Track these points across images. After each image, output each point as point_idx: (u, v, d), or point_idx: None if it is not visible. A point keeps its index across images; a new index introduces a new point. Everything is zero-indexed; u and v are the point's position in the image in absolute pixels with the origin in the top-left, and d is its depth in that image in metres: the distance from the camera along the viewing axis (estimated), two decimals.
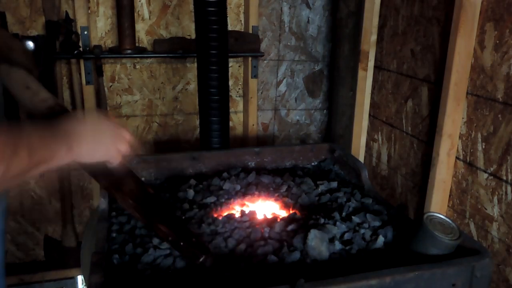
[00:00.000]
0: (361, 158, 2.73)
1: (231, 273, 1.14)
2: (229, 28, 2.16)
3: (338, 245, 1.26)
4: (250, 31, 2.55)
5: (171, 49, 2.43)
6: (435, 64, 2.11)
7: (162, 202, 1.39)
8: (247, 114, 2.71)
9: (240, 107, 2.77)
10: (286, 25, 2.72)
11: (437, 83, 2.10)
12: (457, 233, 1.21)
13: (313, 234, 1.22)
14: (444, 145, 1.98)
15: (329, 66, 2.86)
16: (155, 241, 1.25)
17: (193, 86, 2.62)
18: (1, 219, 1.29)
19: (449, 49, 1.91)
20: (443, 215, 1.25)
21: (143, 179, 1.69)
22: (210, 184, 1.62)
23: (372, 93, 2.64)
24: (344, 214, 1.42)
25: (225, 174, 1.68)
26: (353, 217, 1.38)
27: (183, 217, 1.40)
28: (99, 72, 2.36)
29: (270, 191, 1.59)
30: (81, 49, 2.29)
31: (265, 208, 1.52)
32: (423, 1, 2.17)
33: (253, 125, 2.72)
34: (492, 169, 1.84)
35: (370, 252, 1.25)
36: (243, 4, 2.57)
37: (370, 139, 2.70)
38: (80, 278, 2.53)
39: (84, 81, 2.35)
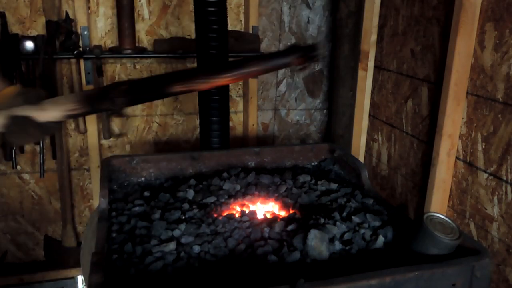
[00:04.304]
0: (361, 158, 2.73)
1: (231, 273, 1.14)
2: (229, 28, 2.16)
3: (338, 245, 1.26)
4: (250, 31, 2.55)
5: (171, 49, 2.43)
6: (435, 64, 2.11)
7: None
8: (247, 114, 2.71)
9: (240, 107, 2.77)
10: (286, 25, 2.72)
11: (437, 83, 2.10)
12: (457, 233, 1.21)
13: (313, 234, 1.22)
14: (444, 145, 1.98)
15: (329, 66, 2.86)
16: (154, 241, 1.25)
17: None
18: None
19: (449, 49, 1.91)
20: (443, 215, 1.25)
21: (143, 179, 1.69)
22: (210, 184, 1.62)
23: (372, 93, 2.64)
24: (344, 214, 1.42)
25: (225, 174, 1.68)
26: (353, 217, 1.38)
27: (184, 217, 1.40)
28: (99, 72, 2.36)
29: (270, 191, 1.59)
30: (81, 49, 2.29)
31: (265, 208, 1.52)
32: (423, 1, 2.17)
33: (253, 125, 2.72)
34: (492, 169, 1.84)
35: (370, 252, 1.25)
36: (243, 4, 2.57)
37: (370, 139, 2.70)
38: (80, 278, 2.53)
39: (84, 81, 2.35)
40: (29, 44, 2.17)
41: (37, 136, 1.22)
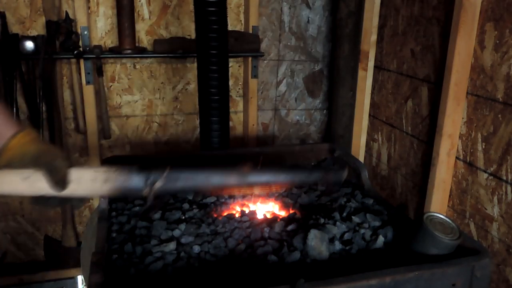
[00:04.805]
0: (361, 158, 2.73)
1: (231, 273, 1.14)
2: (229, 28, 2.16)
3: (338, 245, 1.26)
4: (250, 31, 2.55)
5: (171, 49, 2.43)
6: (435, 64, 2.11)
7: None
8: (247, 114, 2.71)
9: (240, 107, 2.77)
10: (286, 25, 2.72)
11: (437, 83, 2.10)
12: (457, 233, 1.21)
13: (313, 234, 1.22)
14: (444, 145, 1.98)
15: (329, 66, 2.86)
16: (154, 241, 1.25)
17: (193, 86, 2.62)
18: None
19: (449, 49, 1.91)
20: (443, 215, 1.25)
21: None
22: None
23: (372, 93, 2.64)
24: (344, 214, 1.42)
25: None
26: (353, 217, 1.38)
27: (184, 217, 1.40)
28: (99, 72, 2.36)
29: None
30: (81, 49, 2.29)
31: (265, 208, 1.52)
32: (423, 1, 2.17)
33: (253, 125, 2.72)
34: (492, 169, 1.84)
35: (370, 252, 1.25)
36: (243, 4, 2.57)
37: (370, 139, 2.70)
38: (80, 278, 2.53)
39: (84, 81, 2.35)
40: (29, 44, 2.17)
41: (61, 205, 1.15)
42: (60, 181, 1.04)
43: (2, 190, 1.06)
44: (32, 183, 1.04)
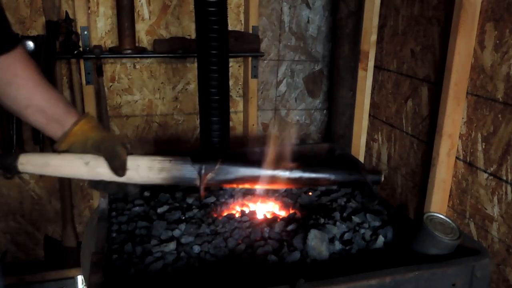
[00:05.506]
0: (361, 158, 2.73)
1: (231, 273, 1.14)
2: (229, 28, 2.16)
3: (338, 245, 1.26)
4: (250, 31, 2.55)
5: (171, 49, 2.43)
6: (435, 64, 2.11)
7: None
8: (247, 114, 2.71)
9: (240, 107, 2.77)
10: (286, 25, 2.72)
11: (437, 83, 2.10)
12: (457, 233, 1.21)
13: (313, 234, 1.22)
14: (444, 145, 1.98)
15: (329, 66, 2.86)
16: (154, 241, 1.25)
17: (193, 86, 2.62)
18: None
19: (449, 49, 1.91)
20: (443, 215, 1.25)
21: None
22: None
23: (372, 93, 2.64)
24: (344, 214, 1.42)
25: None
26: (353, 217, 1.38)
27: (184, 217, 1.40)
28: (99, 72, 2.36)
29: (270, 191, 1.59)
30: (81, 49, 2.29)
31: (265, 208, 1.52)
32: (423, 1, 2.17)
33: (253, 125, 2.72)
34: (492, 169, 1.84)
35: (370, 252, 1.25)
36: (243, 4, 2.57)
37: (370, 139, 2.71)
38: (80, 278, 2.53)
39: (84, 81, 2.35)
40: (29, 44, 2.17)
41: (119, 190, 1.20)
42: (120, 168, 1.09)
43: (63, 173, 1.11)
44: (92, 168, 1.09)
